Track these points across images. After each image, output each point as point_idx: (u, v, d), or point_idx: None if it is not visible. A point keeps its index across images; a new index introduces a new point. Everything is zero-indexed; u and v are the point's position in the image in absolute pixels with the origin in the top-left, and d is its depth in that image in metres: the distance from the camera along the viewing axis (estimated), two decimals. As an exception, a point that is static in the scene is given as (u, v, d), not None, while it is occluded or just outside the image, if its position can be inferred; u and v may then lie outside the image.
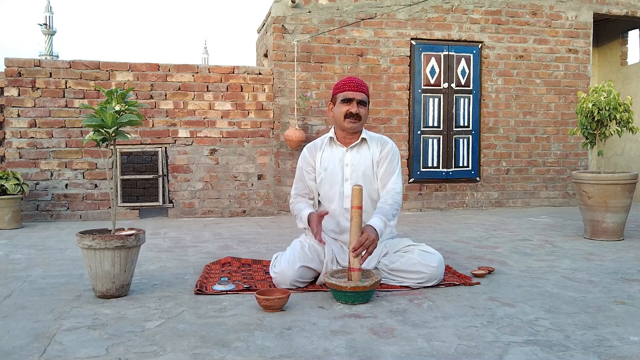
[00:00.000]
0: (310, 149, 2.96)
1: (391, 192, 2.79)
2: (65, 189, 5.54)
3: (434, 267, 2.68)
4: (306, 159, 2.94)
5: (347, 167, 2.84)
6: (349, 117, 2.78)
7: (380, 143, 2.89)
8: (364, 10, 6.10)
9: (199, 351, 1.88)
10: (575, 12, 6.65)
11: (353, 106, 2.77)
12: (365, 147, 2.88)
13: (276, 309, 2.33)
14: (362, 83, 2.83)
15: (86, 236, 2.48)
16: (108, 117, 2.49)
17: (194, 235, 4.57)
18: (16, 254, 3.71)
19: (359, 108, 2.79)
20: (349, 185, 2.81)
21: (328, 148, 2.91)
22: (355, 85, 2.79)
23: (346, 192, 2.82)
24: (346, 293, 2.42)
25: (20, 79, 5.42)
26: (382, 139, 2.93)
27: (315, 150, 2.93)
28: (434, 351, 1.87)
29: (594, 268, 3.22)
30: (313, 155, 2.92)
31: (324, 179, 2.86)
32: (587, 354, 1.84)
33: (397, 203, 2.77)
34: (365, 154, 2.86)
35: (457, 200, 6.47)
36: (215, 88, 5.85)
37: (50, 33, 54.84)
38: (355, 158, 2.85)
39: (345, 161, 2.85)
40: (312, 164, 2.92)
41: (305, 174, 2.94)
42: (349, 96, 2.78)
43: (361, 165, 2.83)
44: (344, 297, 2.44)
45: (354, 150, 2.86)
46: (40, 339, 2.00)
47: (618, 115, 4.18)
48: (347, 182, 2.83)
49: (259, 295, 2.36)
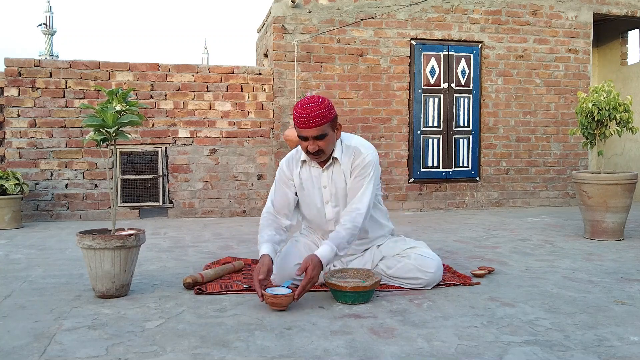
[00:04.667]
0: (289, 162, 2.78)
1: (352, 214, 2.56)
2: (65, 189, 5.54)
3: (431, 273, 2.65)
4: (284, 173, 2.77)
5: (325, 189, 2.70)
6: (310, 154, 2.58)
7: (354, 154, 2.64)
8: (364, 10, 6.10)
9: (199, 351, 1.87)
10: (575, 12, 6.65)
11: (310, 144, 2.53)
12: (338, 164, 2.67)
13: (283, 307, 2.32)
14: (313, 116, 2.47)
15: (86, 236, 2.48)
16: (109, 117, 2.48)
17: (194, 235, 4.57)
18: (16, 254, 3.71)
19: (318, 142, 2.52)
20: (330, 208, 2.70)
21: (305, 165, 2.73)
22: (305, 122, 2.48)
23: (328, 215, 2.71)
24: (346, 293, 2.42)
25: (20, 79, 5.42)
26: (356, 151, 2.65)
27: (294, 164, 2.75)
28: (434, 351, 1.87)
29: (594, 268, 3.22)
30: (291, 170, 2.75)
31: (303, 200, 2.75)
32: (587, 354, 1.84)
33: (356, 227, 2.54)
34: (339, 174, 2.67)
35: (457, 200, 6.47)
36: (215, 88, 5.85)
37: (50, 33, 54.73)
38: (331, 179, 2.67)
39: (322, 183, 2.69)
40: (290, 177, 2.75)
41: (285, 188, 2.75)
42: (303, 134, 2.53)
43: (338, 186, 2.67)
44: (343, 297, 2.44)
45: (329, 170, 2.68)
46: (40, 339, 1.99)
47: (618, 115, 4.18)
48: (327, 204, 2.71)
49: (264, 292, 2.34)
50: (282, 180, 2.77)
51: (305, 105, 2.50)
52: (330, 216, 2.71)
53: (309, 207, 2.74)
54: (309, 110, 2.48)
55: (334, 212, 2.70)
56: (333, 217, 2.71)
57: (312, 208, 2.73)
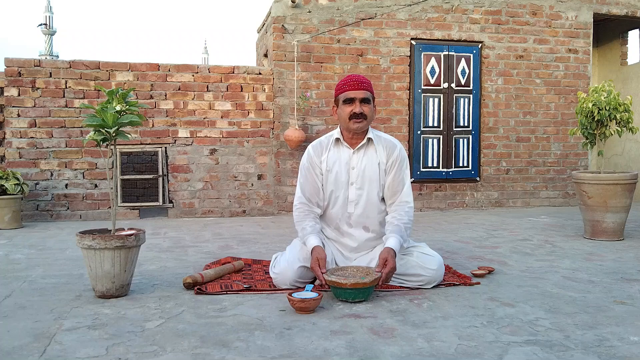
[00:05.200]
0: (316, 147, 2.83)
1: (405, 207, 2.72)
2: (65, 189, 5.54)
3: (433, 270, 2.67)
4: (312, 158, 2.81)
5: (353, 170, 2.75)
6: (354, 118, 2.66)
7: (389, 147, 2.76)
8: (364, 10, 6.09)
9: (199, 351, 1.87)
10: (575, 12, 6.65)
11: (356, 106, 2.66)
12: (372, 148, 2.76)
13: (311, 311, 2.30)
14: (363, 80, 2.70)
15: (86, 236, 2.48)
16: (109, 117, 2.48)
17: (194, 235, 4.56)
18: (16, 254, 3.70)
19: (363, 106, 2.67)
20: (354, 189, 2.74)
21: (334, 148, 2.79)
22: (355, 83, 2.67)
23: (350, 197, 2.75)
24: (346, 290, 2.42)
25: (20, 79, 5.41)
26: (390, 143, 2.79)
27: (321, 149, 2.81)
28: (434, 351, 1.87)
29: (594, 268, 3.22)
30: (319, 155, 2.80)
31: (329, 181, 2.77)
32: (587, 354, 1.84)
33: (411, 221, 2.72)
34: (371, 157, 2.76)
35: (457, 200, 6.47)
36: (215, 88, 5.84)
37: (50, 33, 54.54)
38: (361, 161, 2.75)
39: (351, 164, 2.75)
40: (318, 163, 2.79)
41: (314, 175, 2.79)
42: (351, 96, 2.66)
43: (367, 168, 2.74)
44: (343, 294, 2.44)
45: (360, 152, 2.76)
46: (40, 339, 2.00)
47: (618, 115, 4.18)
48: (352, 185, 2.75)
49: (291, 297, 2.32)
50: (311, 166, 2.81)
51: (352, 75, 2.75)
52: (353, 197, 2.75)
53: (333, 187, 2.77)
54: (357, 76, 2.71)
55: (357, 194, 2.74)
56: (355, 199, 2.75)
57: (336, 189, 2.76)
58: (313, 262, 2.57)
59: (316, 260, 2.55)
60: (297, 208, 2.80)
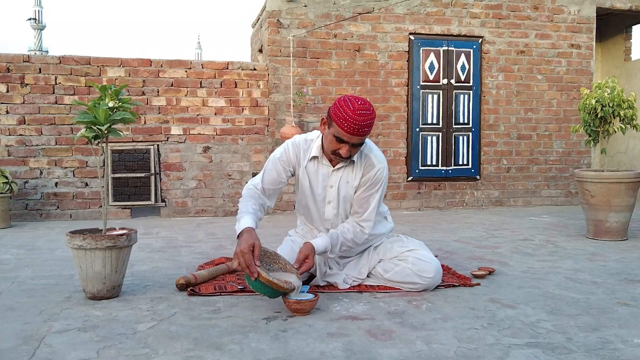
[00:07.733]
0: (297, 149, 2.61)
1: (357, 228, 2.56)
2: (55, 187, 5.44)
3: (429, 278, 2.58)
4: (289, 155, 2.60)
5: (331, 188, 2.60)
6: (339, 157, 2.44)
7: (367, 166, 2.56)
8: (361, 5, 5.99)
9: (192, 354, 1.85)
10: (578, 6, 6.55)
11: (346, 150, 2.40)
12: (350, 167, 2.57)
13: (307, 313, 2.26)
14: (365, 125, 2.33)
15: (76, 236, 2.46)
16: (101, 113, 2.44)
17: (187, 235, 4.51)
18: (5, 254, 3.66)
19: (353, 150, 2.43)
20: (330, 208, 2.63)
21: (315, 160, 2.60)
22: (356, 129, 2.32)
23: (327, 215, 2.64)
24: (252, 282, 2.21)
25: (9, 75, 5.32)
26: (370, 163, 2.56)
27: (301, 155, 2.61)
28: (433, 354, 1.84)
29: (597, 269, 3.18)
30: (298, 159, 2.61)
31: (303, 194, 2.64)
32: (590, 357, 1.82)
33: (355, 243, 2.57)
34: (349, 177, 2.57)
35: (456, 199, 6.37)
36: (209, 84, 5.74)
37: (39, 28, 53.70)
38: (340, 180, 2.58)
39: (330, 182, 2.60)
40: (293, 164, 2.61)
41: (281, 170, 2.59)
42: (345, 139, 2.37)
43: (343, 188, 2.58)
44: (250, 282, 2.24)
45: (339, 172, 2.58)
46: (29, 342, 1.97)
47: (622, 112, 4.14)
48: (329, 204, 2.63)
49: (286, 298, 2.26)
50: (282, 161, 2.60)
51: (360, 110, 2.32)
52: (329, 216, 2.65)
53: (308, 202, 2.66)
54: (363, 118, 2.32)
55: (333, 213, 2.64)
56: (331, 218, 2.65)
57: (311, 204, 2.65)
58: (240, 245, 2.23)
59: (247, 245, 2.22)
60: (249, 189, 2.58)
